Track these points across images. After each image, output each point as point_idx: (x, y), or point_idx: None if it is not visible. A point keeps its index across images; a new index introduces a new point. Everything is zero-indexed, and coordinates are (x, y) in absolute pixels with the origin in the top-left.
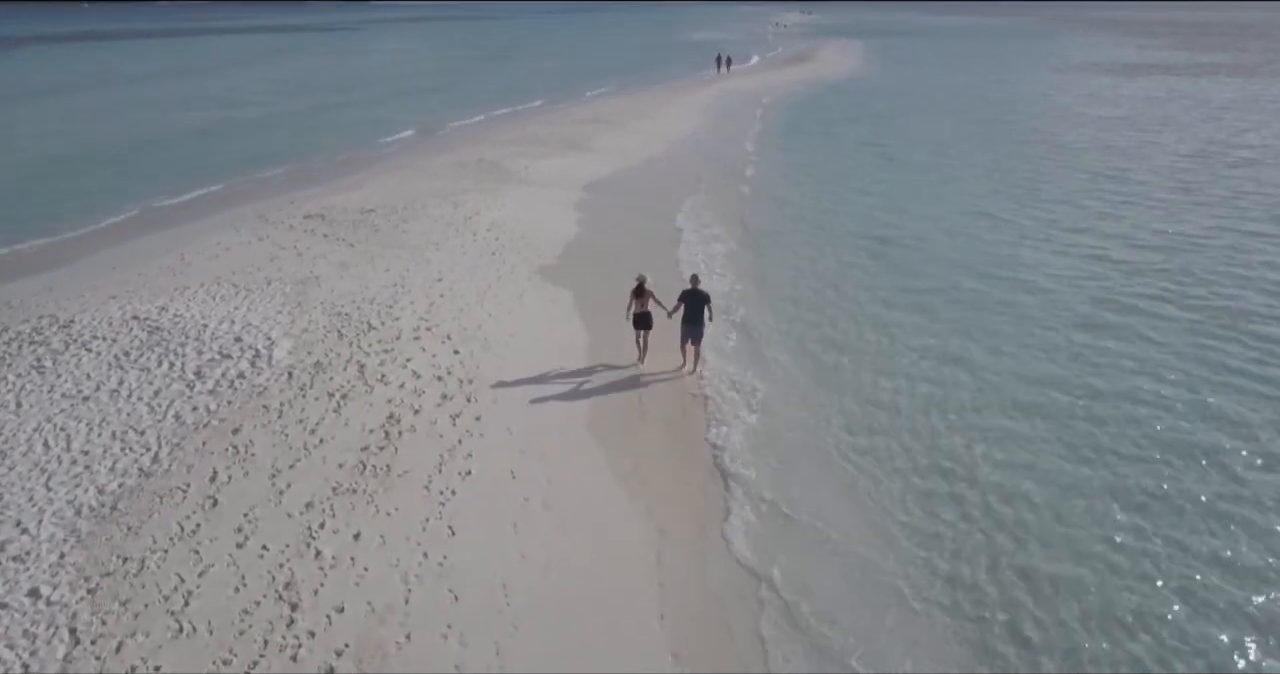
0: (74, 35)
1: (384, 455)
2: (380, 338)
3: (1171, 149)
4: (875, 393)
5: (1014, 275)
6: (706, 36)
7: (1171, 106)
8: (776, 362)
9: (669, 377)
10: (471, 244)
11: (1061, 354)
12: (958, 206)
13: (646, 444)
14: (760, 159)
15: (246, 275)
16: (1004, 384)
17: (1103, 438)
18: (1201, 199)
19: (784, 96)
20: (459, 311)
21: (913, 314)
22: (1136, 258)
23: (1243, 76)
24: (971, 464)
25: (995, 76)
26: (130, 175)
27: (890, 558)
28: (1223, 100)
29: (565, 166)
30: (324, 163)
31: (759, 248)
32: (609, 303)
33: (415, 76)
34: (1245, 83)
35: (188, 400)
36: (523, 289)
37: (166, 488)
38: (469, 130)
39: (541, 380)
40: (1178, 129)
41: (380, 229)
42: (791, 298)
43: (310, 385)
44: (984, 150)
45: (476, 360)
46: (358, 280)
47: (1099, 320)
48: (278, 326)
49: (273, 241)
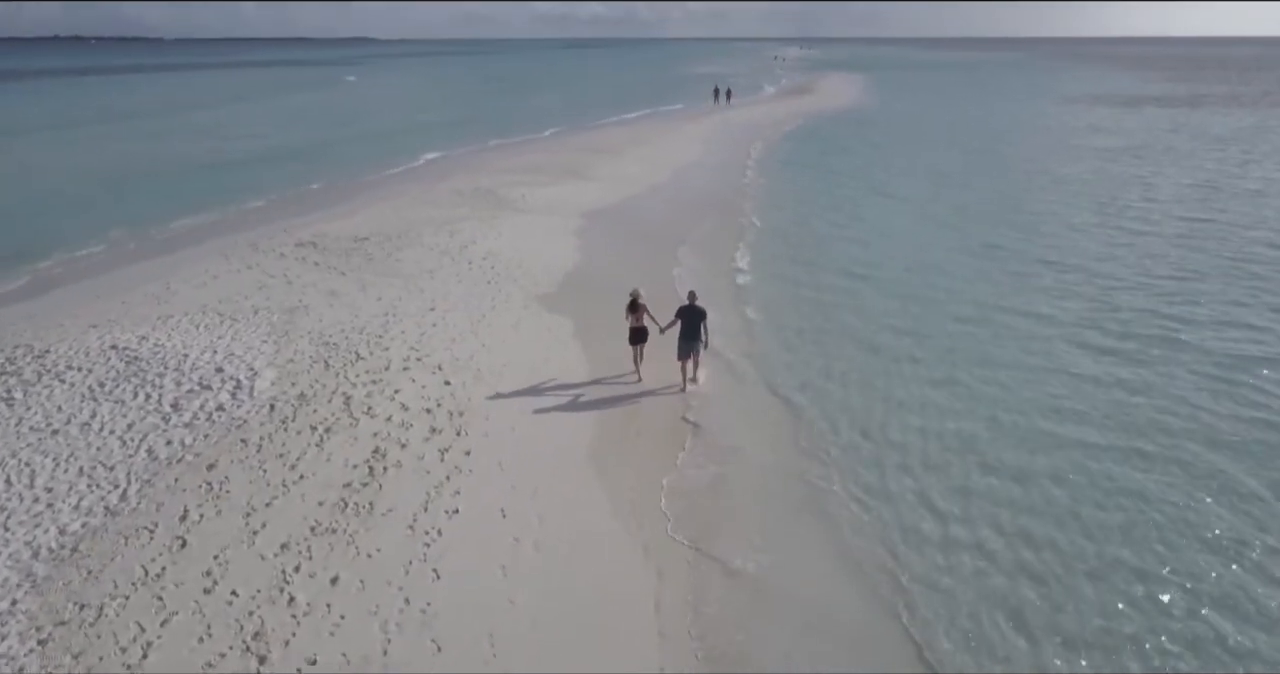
0: (78, 70)
1: (367, 493)
2: (368, 368)
3: (1177, 180)
4: (872, 426)
5: (1015, 309)
6: (708, 70)
7: (1174, 137)
8: (775, 394)
9: (667, 395)
10: (467, 272)
11: (1066, 390)
12: (958, 240)
13: (645, 478)
14: (758, 190)
15: (233, 304)
16: (1010, 427)
17: (1110, 482)
18: (1208, 231)
19: (783, 127)
20: (451, 341)
21: (912, 349)
22: (1142, 293)
23: (1242, 108)
24: (974, 495)
25: (997, 108)
26: (121, 205)
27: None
28: (1224, 131)
29: (564, 195)
30: (318, 192)
31: (756, 279)
32: (606, 330)
33: (413, 109)
34: (1245, 114)
35: (162, 434)
36: (518, 317)
37: (133, 528)
38: (467, 159)
39: (535, 412)
40: (1182, 160)
41: (373, 257)
42: (793, 330)
43: (292, 418)
44: (985, 181)
45: (468, 392)
46: (348, 309)
47: (1101, 352)
48: (262, 357)
49: (262, 270)
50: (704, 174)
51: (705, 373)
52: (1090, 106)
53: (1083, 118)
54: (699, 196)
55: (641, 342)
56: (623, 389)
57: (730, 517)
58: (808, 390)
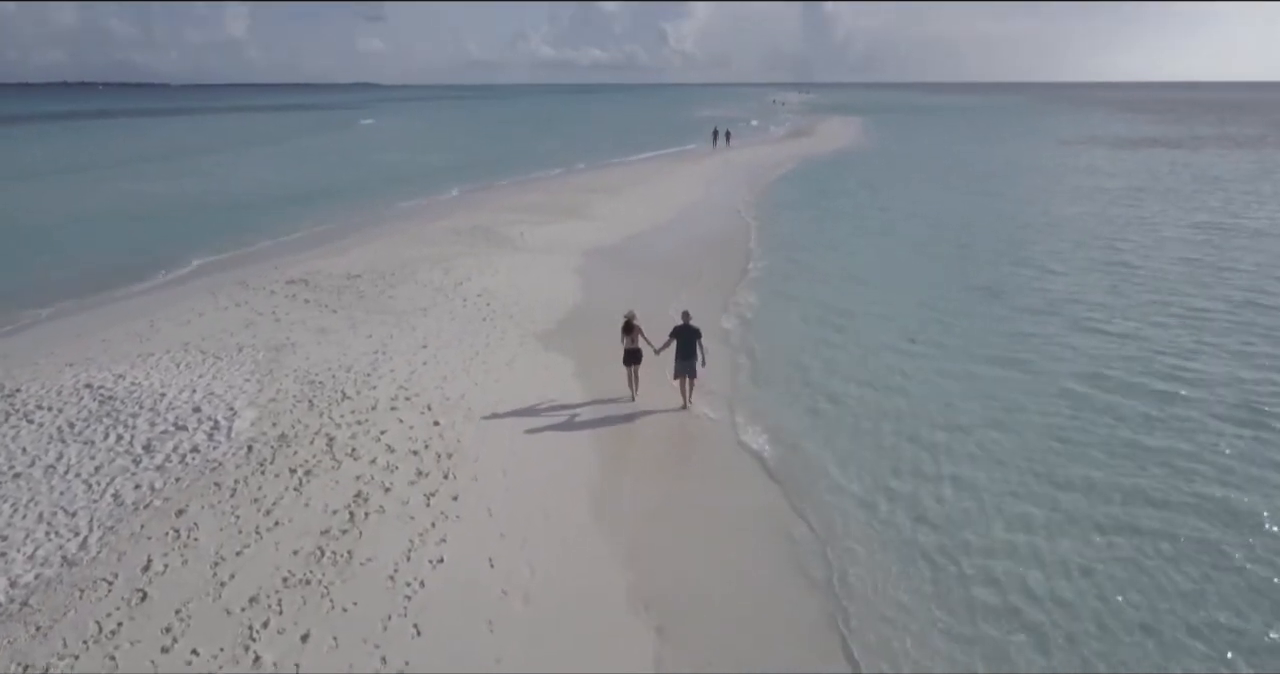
0: (86, 113)
1: (346, 540)
2: (354, 408)
3: (1180, 220)
4: (878, 480)
5: (1018, 356)
6: (708, 114)
7: (1173, 178)
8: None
9: (665, 421)
10: (461, 310)
11: (1076, 437)
12: (960, 282)
13: (646, 522)
14: (759, 230)
15: (217, 341)
16: (1015, 475)
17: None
18: (1213, 271)
19: (784, 168)
20: (442, 379)
21: (907, 391)
22: (1151, 335)
23: (1239, 149)
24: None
25: (995, 149)
26: (110, 246)
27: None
28: (1224, 172)
29: (563, 233)
30: (313, 230)
31: (756, 318)
32: (603, 368)
33: (414, 150)
34: (1243, 155)
35: (131, 477)
36: (513, 355)
37: (90, 579)
38: (466, 199)
39: (527, 453)
40: (1184, 200)
41: (365, 294)
42: (794, 369)
43: (271, 460)
44: (986, 221)
45: (458, 432)
46: (336, 347)
47: (1104, 397)
48: (243, 396)
49: (250, 307)
50: (705, 214)
51: (698, 396)
52: (1087, 148)
53: (1080, 159)
54: (699, 236)
55: (636, 363)
56: (619, 417)
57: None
58: (808, 439)
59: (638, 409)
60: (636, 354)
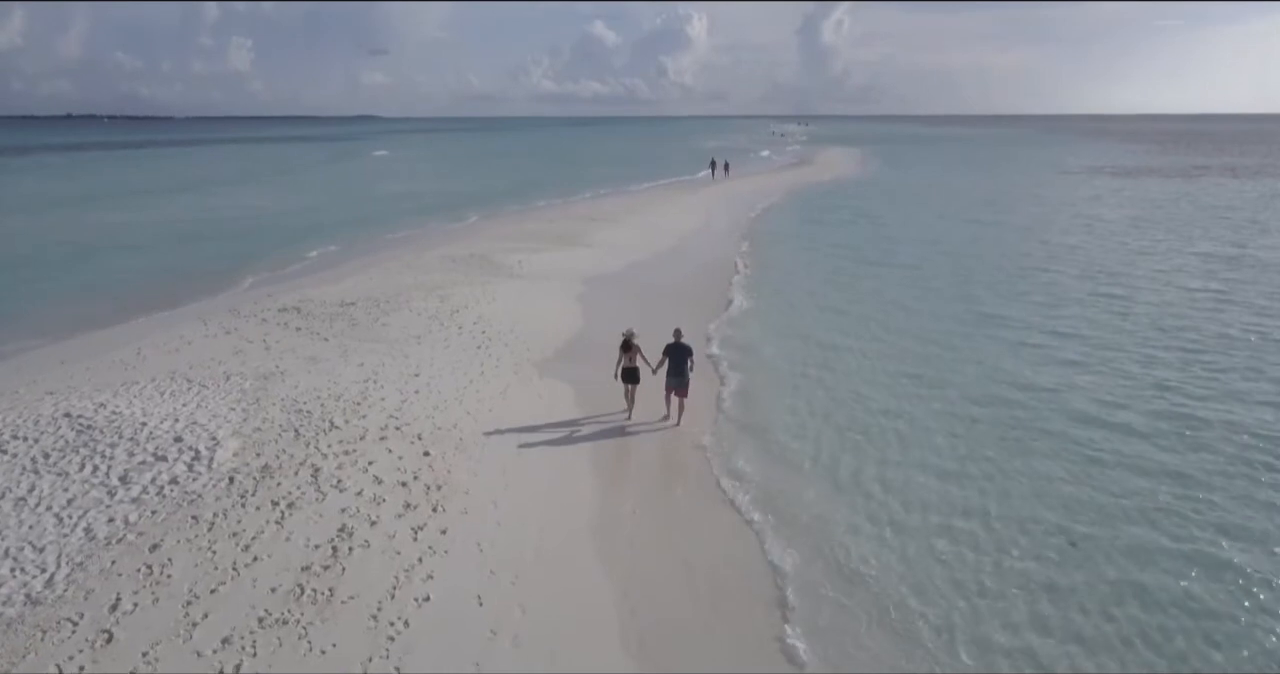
0: (89, 145)
1: (328, 577)
2: (342, 438)
3: (1185, 249)
4: (870, 503)
5: (1024, 385)
6: (707, 145)
7: (1178, 207)
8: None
9: (659, 447)
10: (455, 338)
11: (1079, 473)
12: (962, 312)
13: (639, 554)
14: (758, 259)
15: (204, 370)
16: (1019, 510)
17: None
18: (1220, 303)
19: (784, 198)
20: (434, 409)
21: (905, 425)
22: (1157, 367)
23: (1239, 179)
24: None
25: (997, 179)
26: (104, 274)
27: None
28: (1228, 201)
29: (560, 261)
30: (308, 258)
31: (757, 346)
32: (597, 394)
33: (413, 180)
34: (1245, 184)
35: (105, 510)
36: (507, 384)
37: (54, 619)
38: (464, 228)
39: (519, 485)
40: (1189, 229)
41: (358, 322)
42: (798, 399)
43: (252, 492)
44: (989, 251)
45: (448, 463)
46: (326, 375)
47: (1117, 431)
48: (226, 425)
49: (240, 335)
50: (704, 243)
51: (686, 416)
52: (1089, 178)
53: (1083, 189)
54: (699, 265)
55: (634, 381)
56: (613, 444)
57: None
58: (805, 470)
59: (633, 430)
60: (634, 372)
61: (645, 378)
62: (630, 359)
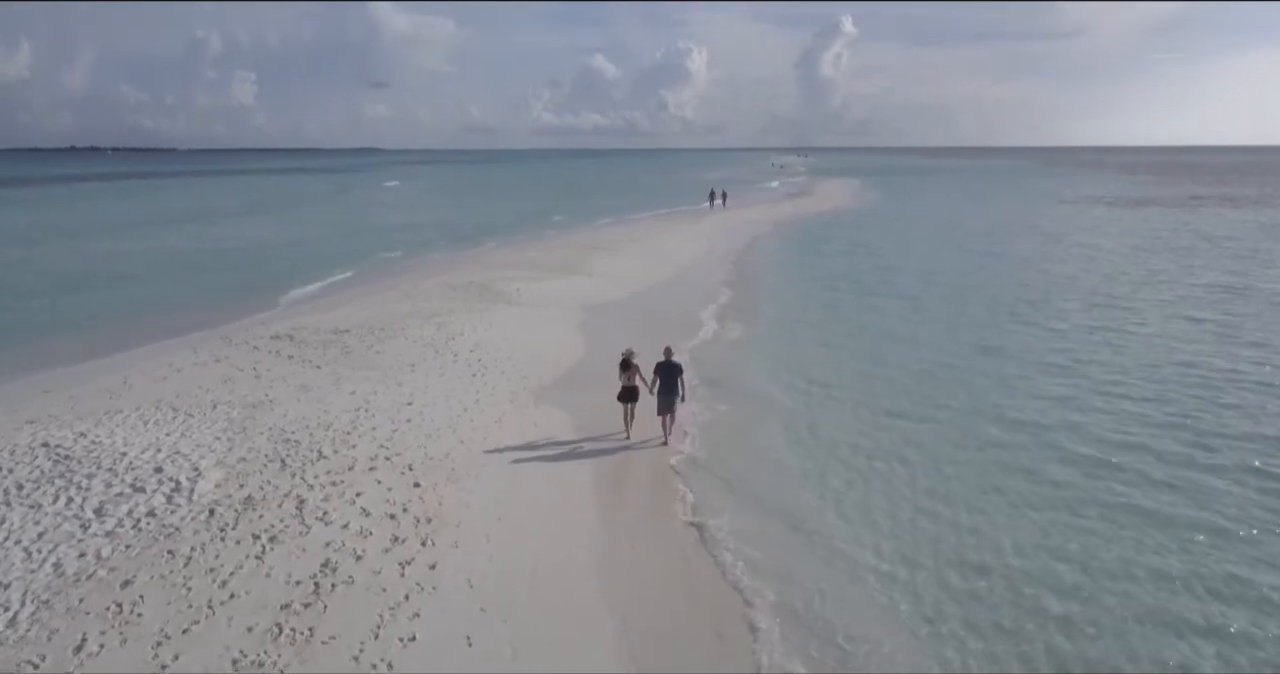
0: (90, 177)
1: (308, 615)
2: (330, 468)
3: (1188, 280)
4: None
5: (1029, 422)
6: (706, 177)
7: (1177, 237)
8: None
9: (656, 468)
10: (451, 366)
11: (1074, 505)
12: (963, 342)
13: (636, 589)
14: (758, 288)
15: (191, 398)
16: (1024, 559)
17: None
18: (1227, 333)
19: (784, 228)
20: (426, 438)
21: (906, 452)
22: (1161, 402)
23: (1240, 209)
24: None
25: (997, 210)
26: (94, 305)
27: None
28: (1227, 231)
29: (560, 289)
30: (306, 287)
31: (760, 376)
32: (593, 421)
33: (414, 210)
34: (1244, 215)
35: (76, 544)
36: (502, 412)
37: (14, 662)
38: (464, 256)
39: (512, 517)
40: (1190, 258)
41: (352, 350)
42: (804, 430)
43: (233, 525)
44: (990, 281)
45: (439, 495)
46: (317, 404)
47: (1120, 471)
48: (210, 455)
49: (230, 363)
50: (703, 272)
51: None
52: (1089, 207)
53: (1082, 218)
54: (698, 294)
55: (633, 401)
56: (611, 471)
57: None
58: (805, 501)
59: (631, 451)
60: (633, 391)
61: (643, 397)
62: (629, 378)
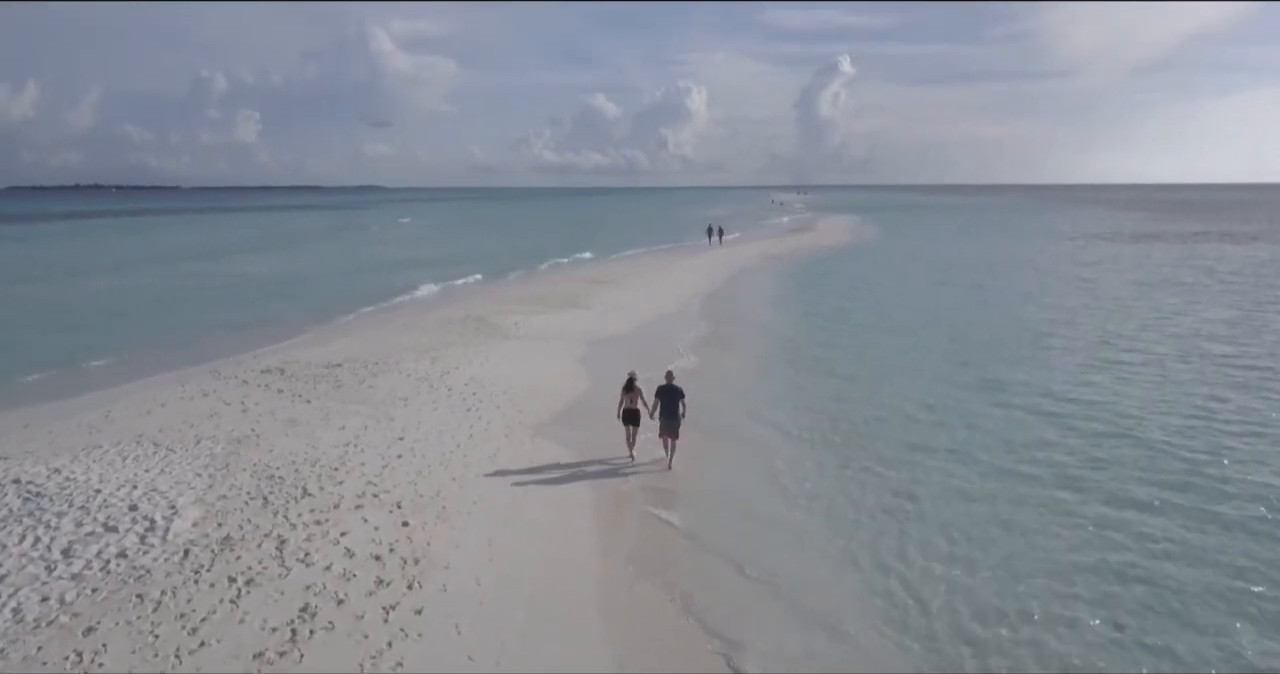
0: (91, 213)
1: (283, 664)
2: (315, 506)
3: (1199, 314)
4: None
5: (1034, 461)
6: (706, 214)
7: (1182, 271)
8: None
9: (659, 495)
10: (445, 400)
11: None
12: (969, 380)
13: (633, 638)
14: (760, 324)
15: (175, 433)
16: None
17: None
18: (1243, 372)
19: (785, 264)
20: (417, 474)
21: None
22: (1173, 437)
23: (1241, 245)
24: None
25: (1000, 245)
26: (84, 340)
27: None
28: (1234, 266)
29: (559, 323)
30: (301, 320)
31: (764, 412)
32: (591, 456)
33: (413, 246)
34: (1247, 250)
35: (40, 587)
36: (497, 448)
37: None
38: (463, 290)
39: (504, 558)
40: (1197, 293)
41: (343, 384)
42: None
43: (208, 567)
44: (997, 316)
45: (428, 534)
46: (304, 439)
47: (1136, 508)
48: (189, 492)
49: (218, 396)
50: (704, 308)
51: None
52: (1091, 243)
53: (1087, 253)
54: (699, 329)
55: (634, 423)
56: (610, 505)
57: None
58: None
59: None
60: (635, 414)
61: (649, 424)
62: (631, 400)
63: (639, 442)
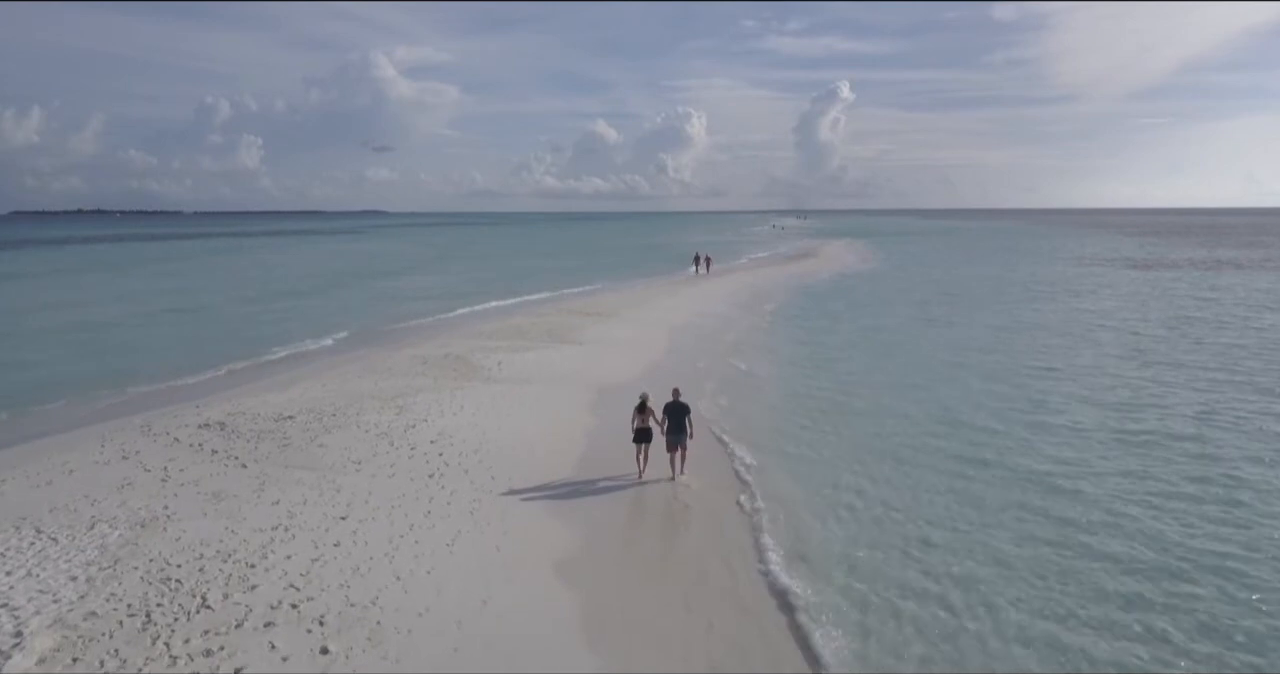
0: (104, 238)
1: None
2: (211, 626)
3: (1218, 339)
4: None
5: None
6: (702, 239)
7: (1196, 299)
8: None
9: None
10: (405, 462)
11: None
12: (999, 404)
13: None
14: (762, 358)
15: (68, 514)
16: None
17: None
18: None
19: (787, 292)
20: (353, 572)
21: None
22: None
23: (1250, 271)
24: None
25: (1015, 270)
26: (37, 375)
27: None
28: (1246, 293)
29: (546, 361)
30: (262, 359)
31: (769, 444)
32: (571, 541)
33: (404, 272)
34: (1248, 276)
35: None
36: (457, 531)
37: None
38: (444, 323)
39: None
40: (1222, 319)
41: (291, 443)
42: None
43: None
44: (1020, 342)
45: (352, 666)
46: (225, 520)
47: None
48: (51, 608)
49: (139, 461)
50: (705, 338)
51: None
52: (1105, 268)
53: (1104, 278)
54: (700, 362)
55: (646, 441)
56: (612, 574)
57: None
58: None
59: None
60: (647, 433)
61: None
62: (643, 420)
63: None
